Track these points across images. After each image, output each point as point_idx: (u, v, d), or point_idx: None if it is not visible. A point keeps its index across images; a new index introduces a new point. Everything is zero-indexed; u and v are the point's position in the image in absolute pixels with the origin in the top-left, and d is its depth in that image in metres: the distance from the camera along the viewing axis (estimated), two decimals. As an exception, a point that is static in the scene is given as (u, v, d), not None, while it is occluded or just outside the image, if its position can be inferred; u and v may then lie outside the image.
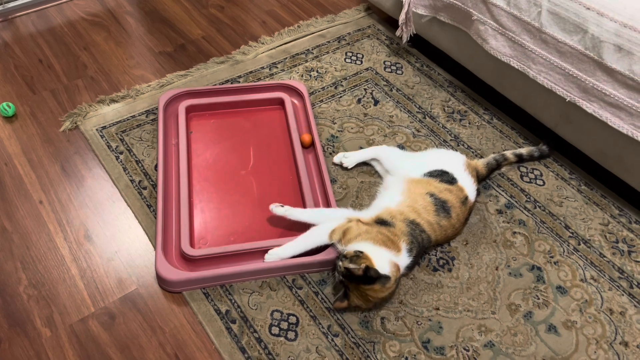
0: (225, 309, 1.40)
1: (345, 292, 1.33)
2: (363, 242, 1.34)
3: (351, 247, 1.33)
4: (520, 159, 1.75)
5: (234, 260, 1.45)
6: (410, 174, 1.55)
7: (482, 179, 1.67)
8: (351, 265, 1.27)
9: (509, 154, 1.73)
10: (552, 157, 1.81)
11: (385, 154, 1.68)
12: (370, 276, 1.26)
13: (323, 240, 1.41)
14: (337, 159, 1.74)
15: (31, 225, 1.56)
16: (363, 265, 1.27)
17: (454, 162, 1.58)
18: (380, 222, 1.39)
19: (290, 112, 1.82)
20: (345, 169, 1.72)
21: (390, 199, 1.47)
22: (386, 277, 1.29)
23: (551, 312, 1.43)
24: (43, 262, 1.49)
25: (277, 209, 1.47)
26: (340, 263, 1.31)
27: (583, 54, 1.51)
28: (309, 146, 1.73)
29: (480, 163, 1.66)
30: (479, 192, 1.63)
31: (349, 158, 1.72)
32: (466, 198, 1.51)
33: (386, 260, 1.32)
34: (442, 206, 1.46)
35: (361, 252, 1.31)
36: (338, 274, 1.33)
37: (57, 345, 1.33)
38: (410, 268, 1.44)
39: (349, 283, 1.30)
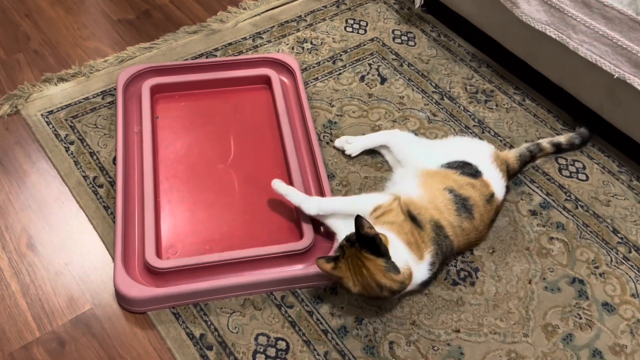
0: (199, 332, 1.40)
1: (337, 257, 1.33)
2: (392, 233, 1.37)
3: (378, 228, 1.36)
4: (558, 149, 1.76)
5: (210, 274, 1.44)
6: (426, 165, 1.56)
7: (514, 174, 1.68)
8: (366, 224, 1.29)
9: (545, 143, 1.74)
10: (597, 147, 1.81)
11: (396, 140, 1.69)
12: (378, 245, 1.28)
13: (366, 210, 1.43)
14: (339, 142, 1.76)
15: (-38, 231, 1.57)
16: (377, 233, 1.30)
17: (479, 152, 1.59)
18: (412, 217, 1.42)
19: (279, 92, 1.82)
20: (348, 156, 1.74)
21: (406, 194, 1.48)
22: (395, 267, 1.31)
23: (596, 334, 1.44)
24: (-23, 276, 1.49)
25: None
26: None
27: (635, 20, 1.51)
28: None
29: (512, 155, 1.66)
30: (508, 190, 1.64)
31: (353, 144, 1.74)
32: (492, 195, 1.52)
33: (404, 261, 1.34)
34: (463, 204, 1.47)
35: (384, 236, 1.34)
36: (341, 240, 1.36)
37: (-6, 378, 1.34)
38: (425, 285, 1.45)
39: (349, 248, 1.31)
